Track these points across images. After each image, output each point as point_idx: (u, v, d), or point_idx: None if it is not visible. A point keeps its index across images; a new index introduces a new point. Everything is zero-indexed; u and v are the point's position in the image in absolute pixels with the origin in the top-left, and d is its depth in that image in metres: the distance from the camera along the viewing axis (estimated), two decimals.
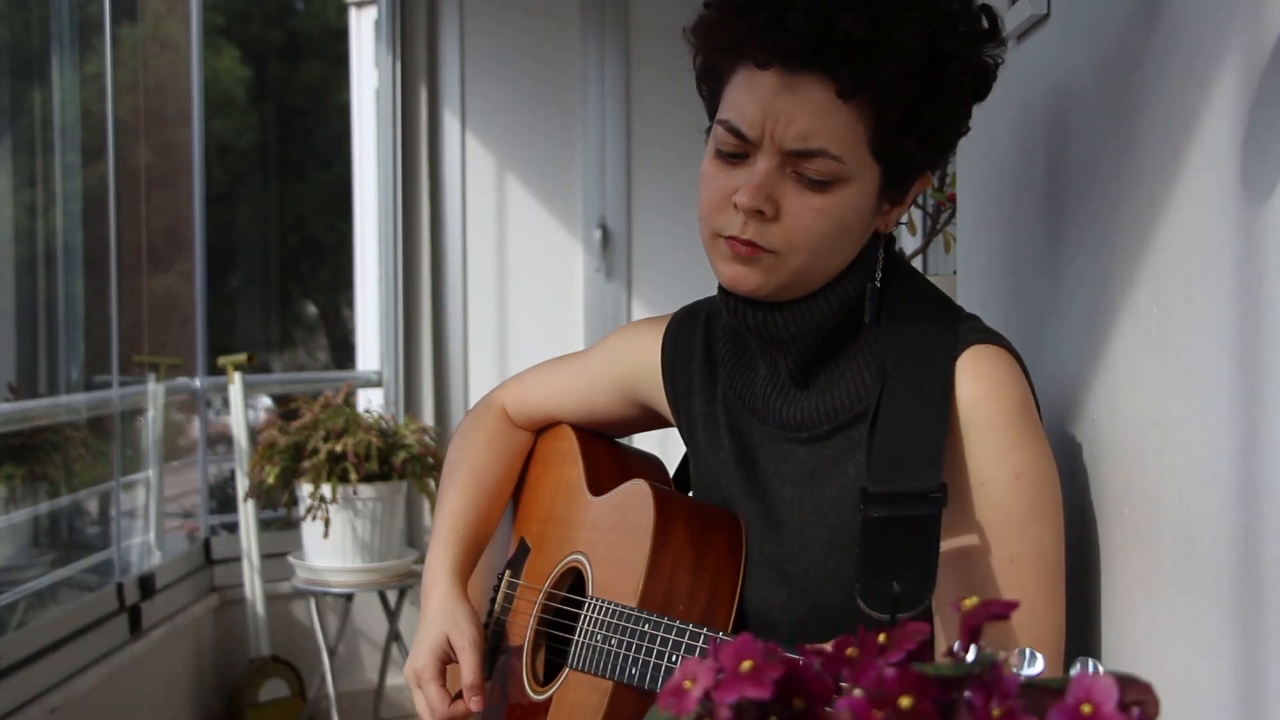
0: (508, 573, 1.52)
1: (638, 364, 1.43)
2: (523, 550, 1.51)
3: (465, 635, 1.38)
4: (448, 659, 1.40)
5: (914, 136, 1.15)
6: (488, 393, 1.61)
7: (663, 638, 1.20)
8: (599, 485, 1.42)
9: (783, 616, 1.24)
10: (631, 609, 1.24)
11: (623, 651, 1.23)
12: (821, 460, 1.23)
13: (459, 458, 1.54)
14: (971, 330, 1.19)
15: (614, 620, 1.26)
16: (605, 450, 1.51)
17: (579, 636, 1.31)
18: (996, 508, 1.13)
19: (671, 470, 1.52)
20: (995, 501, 1.13)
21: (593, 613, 1.30)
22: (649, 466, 1.52)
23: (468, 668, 1.36)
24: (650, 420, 1.48)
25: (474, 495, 1.51)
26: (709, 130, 1.22)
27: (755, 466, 1.29)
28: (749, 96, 1.15)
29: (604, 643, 1.26)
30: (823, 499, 1.23)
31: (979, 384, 1.15)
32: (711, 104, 1.23)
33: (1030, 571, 1.13)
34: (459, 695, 1.38)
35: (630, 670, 1.22)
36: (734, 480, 1.30)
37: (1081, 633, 1.23)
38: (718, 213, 1.18)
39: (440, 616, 1.41)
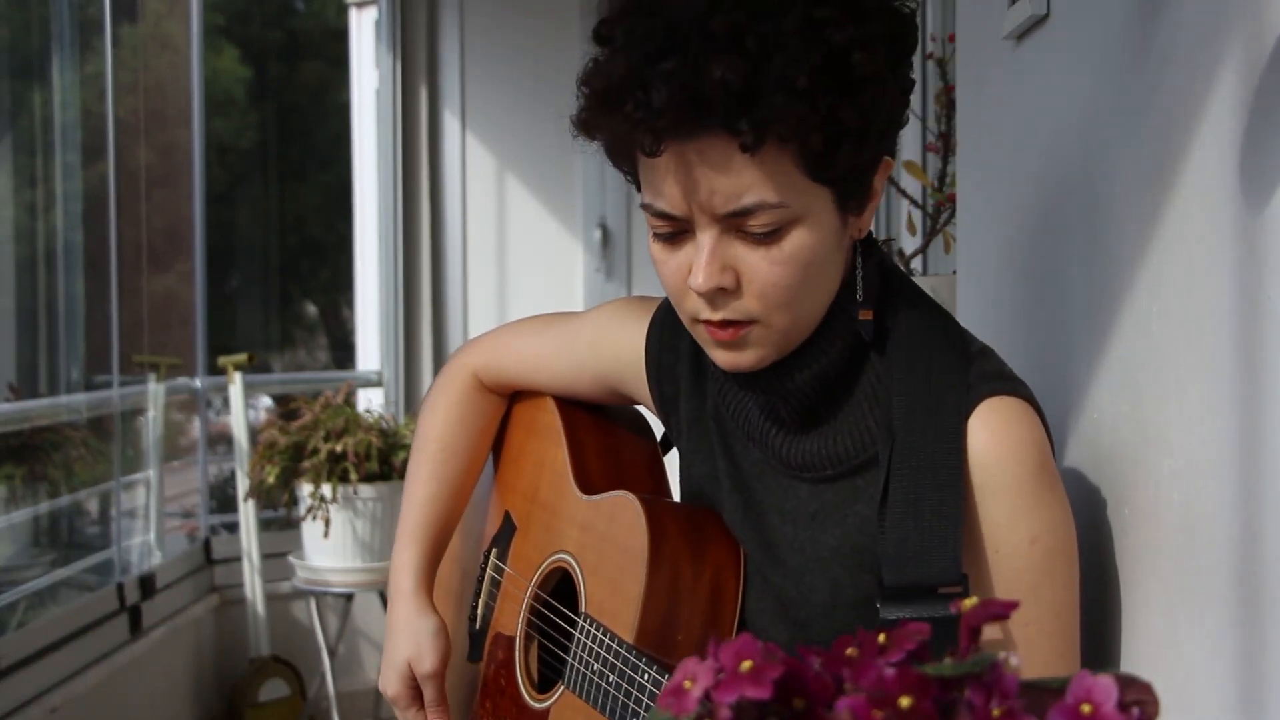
0: (494, 551, 1.49)
1: (620, 359, 1.35)
2: (508, 527, 1.47)
3: (426, 663, 1.40)
4: (415, 683, 1.42)
5: (848, 144, 1.02)
6: (456, 353, 1.53)
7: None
8: (586, 478, 1.38)
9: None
10: (629, 647, 1.18)
11: (620, 697, 1.19)
12: (823, 503, 1.17)
13: (428, 434, 1.49)
14: (984, 377, 1.11)
15: (609, 656, 1.21)
16: (590, 428, 1.45)
17: (573, 659, 1.27)
18: (1010, 572, 1.09)
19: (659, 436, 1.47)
20: (1009, 565, 1.09)
21: (586, 638, 1.25)
22: (635, 436, 1.46)
23: (430, 700, 1.41)
24: (634, 404, 1.43)
25: (443, 479, 1.47)
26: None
27: (752, 495, 1.22)
28: (661, 177, 1.05)
29: (600, 678, 1.22)
30: (823, 547, 1.16)
31: (993, 444, 1.07)
32: (632, 177, 1.13)
33: (1045, 635, 1.09)
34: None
35: None
36: (728, 503, 1.24)
37: (1080, 633, 1.23)
38: (683, 298, 1.10)
39: (405, 638, 1.41)
